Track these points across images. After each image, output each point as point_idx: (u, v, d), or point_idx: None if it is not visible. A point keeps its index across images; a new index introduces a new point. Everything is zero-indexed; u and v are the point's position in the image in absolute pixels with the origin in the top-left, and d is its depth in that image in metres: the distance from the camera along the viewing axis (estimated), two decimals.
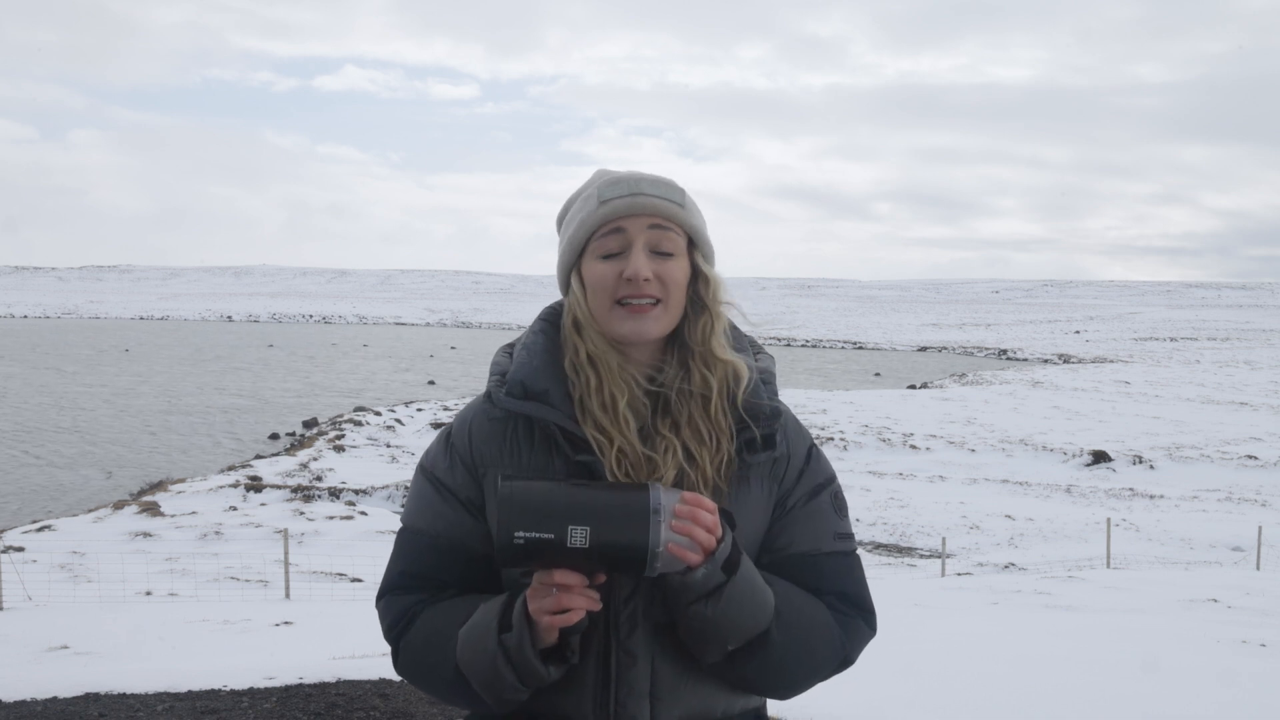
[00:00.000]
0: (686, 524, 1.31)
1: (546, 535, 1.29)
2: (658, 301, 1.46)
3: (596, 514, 1.30)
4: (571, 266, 1.51)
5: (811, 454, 1.56)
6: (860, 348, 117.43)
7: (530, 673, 1.36)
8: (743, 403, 1.48)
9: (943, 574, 16.65)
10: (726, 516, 1.40)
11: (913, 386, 59.68)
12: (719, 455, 1.46)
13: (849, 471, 28.01)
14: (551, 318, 1.56)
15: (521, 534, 1.29)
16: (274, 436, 36.56)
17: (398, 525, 1.59)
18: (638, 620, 1.42)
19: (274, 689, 4.79)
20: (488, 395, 1.52)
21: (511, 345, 1.57)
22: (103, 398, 47.53)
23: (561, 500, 1.30)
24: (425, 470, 1.53)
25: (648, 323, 1.46)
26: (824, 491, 1.54)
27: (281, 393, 51.47)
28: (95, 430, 37.13)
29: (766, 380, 1.53)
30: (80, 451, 32.78)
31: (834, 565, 1.52)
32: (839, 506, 1.56)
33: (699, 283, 1.50)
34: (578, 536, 1.28)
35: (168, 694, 4.70)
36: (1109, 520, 19.27)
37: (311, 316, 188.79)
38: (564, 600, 1.31)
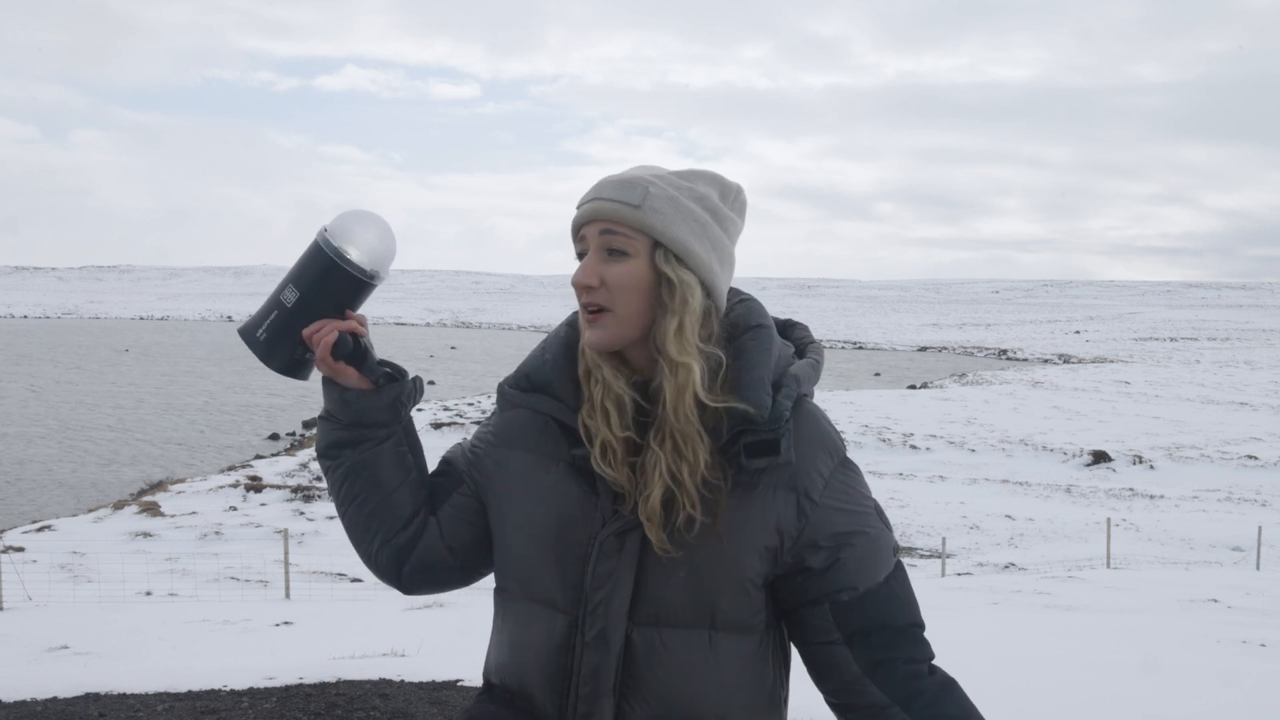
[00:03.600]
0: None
1: (273, 314, 1.48)
2: (607, 309, 1.42)
3: (292, 275, 1.49)
4: None
5: (844, 466, 1.48)
6: (860, 348, 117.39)
7: (330, 393, 1.54)
8: (731, 405, 1.40)
9: (943, 574, 16.66)
10: None
11: (913, 386, 59.67)
12: (698, 470, 1.39)
13: None
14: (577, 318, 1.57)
15: (259, 330, 1.49)
16: (274, 436, 36.57)
17: None
18: (609, 614, 1.41)
19: (274, 689, 4.79)
20: (500, 388, 1.57)
21: None
22: (115, 399, 47.53)
23: (271, 292, 1.51)
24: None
25: (596, 331, 1.42)
26: (873, 512, 1.48)
27: (282, 393, 51.45)
28: (136, 428, 37.13)
29: (789, 378, 1.44)
30: (113, 449, 32.79)
31: (900, 582, 1.49)
32: (885, 520, 1.50)
33: (661, 285, 1.42)
34: (289, 295, 1.47)
35: (168, 694, 4.69)
36: (1109, 520, 19.28)
37: None
38: (316, 336, 1.48)
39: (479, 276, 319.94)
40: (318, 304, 1.48)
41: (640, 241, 1.41)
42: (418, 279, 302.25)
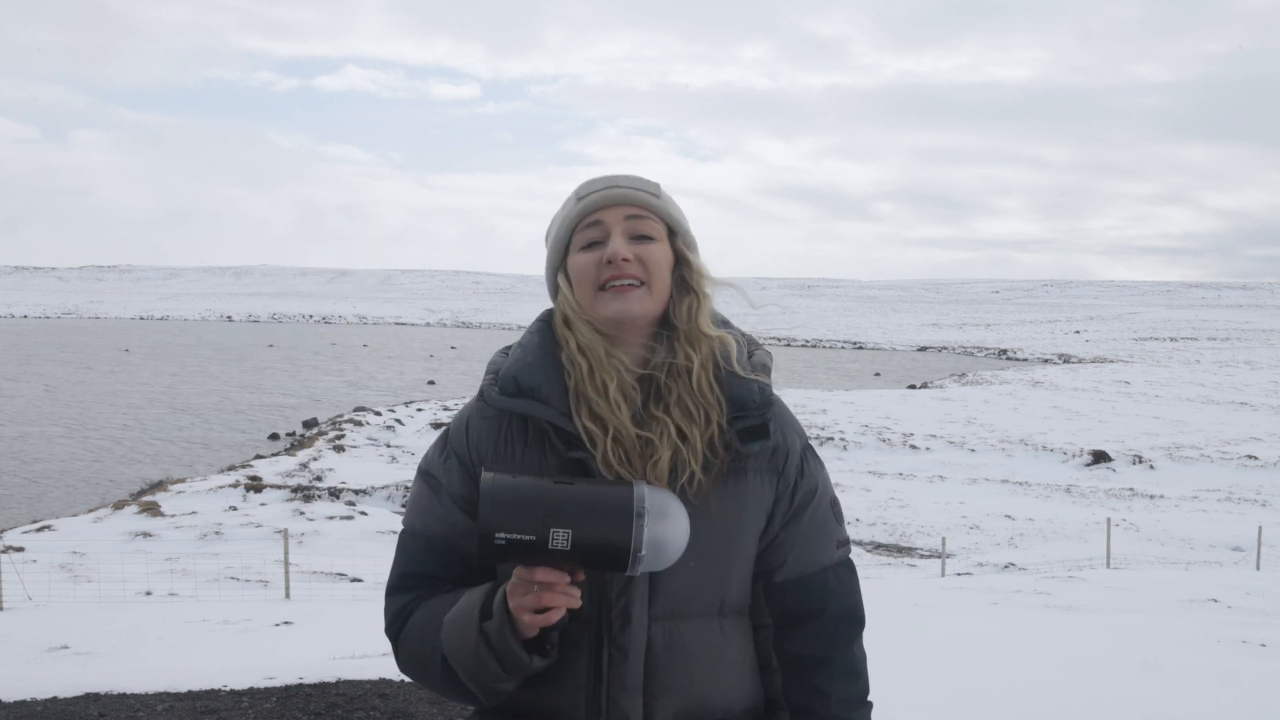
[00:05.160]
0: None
1: (528, 537, 1.27)
2: (641, 283, 1.47)
3: (579, 515, 1.28)
4: (558, 268, 1.53)
5: (807, 451, 1.56)
6: (860, 348, 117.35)
7: (513, 661, 1.35)
8: (731, 391, 1.48)
9: (943, 574, 16.65)
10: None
11: (913, 386, 59.65)
12: (709, 429, 1.46)
13: (849, 471, 28.00)
14: (549, 317, 1.57)
15: (503, 535, 1.27)
16: (274, 436, 36.55)
17: (399, 526, 1.60)
18: (630, 615, 1.43)
19: (274, 689, 4.79)
20: (481, 394, 1.52)
21: (510, 347, 1.57)
22: (125, 398, 47.53)
23: (544, 501, 1.28)
24: (423, 471, 1.54)
25: (631, 302, 1.47)
26: (826, 499, 1.55)
27: (281, 393, 51.46)
28: (142, 427, 37.14)
29: (760, 367, 1.53)
30: (130, 448, 32.80)
31: (840, 577, 1.54)
32: (838, 513, 1.57)
33: (683, 267, 1.53)
34: (560, 539, 1.26)
35: (168, 694, 4.70)
36: (1109, 520, 19.27)
37: (311, 316, 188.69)
38: (544, 599, 1.30)
39: (479, 276, 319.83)
40: (574, 566, 1.30)
41: (661, 227, 1.52)
42: (418, 279, 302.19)
